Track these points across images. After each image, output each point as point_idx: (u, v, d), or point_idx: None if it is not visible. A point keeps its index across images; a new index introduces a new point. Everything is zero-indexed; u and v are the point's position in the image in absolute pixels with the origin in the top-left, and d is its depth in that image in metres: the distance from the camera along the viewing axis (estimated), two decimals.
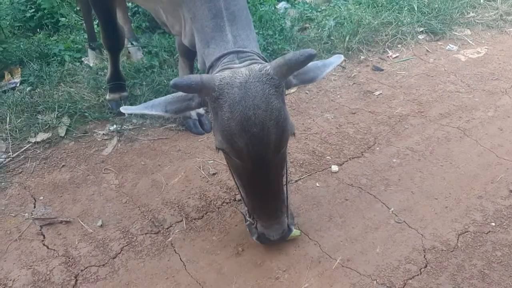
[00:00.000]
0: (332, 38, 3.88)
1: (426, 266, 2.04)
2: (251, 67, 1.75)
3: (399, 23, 4.10)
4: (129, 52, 3.73)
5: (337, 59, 2.04)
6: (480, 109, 3.12)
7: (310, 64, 1.89)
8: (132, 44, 3.82)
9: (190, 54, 2.90)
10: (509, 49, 3.83)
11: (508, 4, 4.42)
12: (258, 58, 1.86)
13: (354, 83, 3.46)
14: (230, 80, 1.72)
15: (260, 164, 1.81)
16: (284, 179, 1.98)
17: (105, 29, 2.93)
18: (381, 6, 4.36)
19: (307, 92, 3.36)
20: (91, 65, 3.72)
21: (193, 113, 2.95)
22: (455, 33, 4.10)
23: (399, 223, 2.27)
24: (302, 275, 2.02)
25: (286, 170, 1.99)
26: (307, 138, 2.87)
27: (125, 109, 1.89)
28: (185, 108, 1.88)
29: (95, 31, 3.98)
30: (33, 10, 4.22)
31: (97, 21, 4.14)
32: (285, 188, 2.00)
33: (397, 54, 3.83)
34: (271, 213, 1.99)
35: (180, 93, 1.84)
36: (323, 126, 2.99)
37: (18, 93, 3.23)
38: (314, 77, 1.96)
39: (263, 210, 1.99)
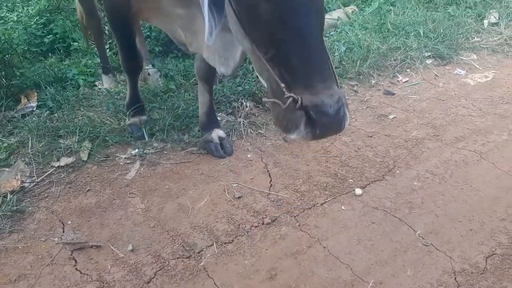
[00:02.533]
0: (343, 63, 3.96)
1: None
2: None
3: (407, 48, 4.20)
4: (148, 74, 3.76)
5: None
6: (494, 132, 3.19)
7: None
8: (153, 65, 3.86)
9: (209, 77, 2.95)
10: None
11: None
12: None
13: (367, 107, 3.53)
14: None
15: (301, 2, 1.53)
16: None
17: (124, 52, 2.95)
18: (387, 32, 4.46)
19: None
20: (104, 88, 3.75)
21: (215, 137, 2.99)
22: (462, 57, 4.20)
23: (427, 245, 2.30)
24: None
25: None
26: (327, 161, 2.92)
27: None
28: None
29: (107, 54, 4.04)
30: (45, 34, 4.26)
31: (108, 44, 4.24)
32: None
33: (407, 79, 3.92)
34: (321, 69, 1.54)
35: None
36: (342, 149, 3.04)
37: (37, 117, 3.25)
38: None
39: (309, 66, 1.53)
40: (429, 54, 4.20)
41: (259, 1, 1.54)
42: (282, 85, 1.54)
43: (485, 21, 4.70)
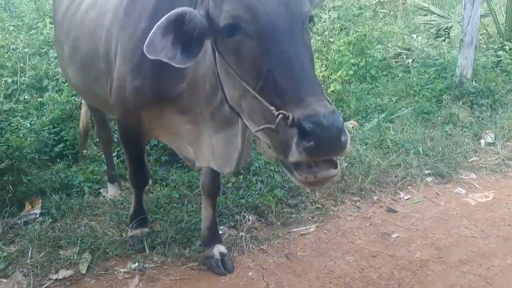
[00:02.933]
0: (345, 178, 4.03)
1: None
2: None
3: (407, 165, 4.30)
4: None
5: None
6: (498, 256, 3.16)
7: None
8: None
9: (214, 192, 3.00)
10: None
11: (508, 149, 4.68)
12: None
13: (370, 224, 3.53)
14: None
15: (282, 28, 1.59)
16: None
17: (133, 167, 3.02)
18: (387, 148, 4.59)
19: (325, 232, 3.41)
20: (109, 197, 3.78)
21: (216, 253, 2.96)
22: (462, 176, 4.28)
23: None
24: None
25: None
26: (331, 282, 2.86)
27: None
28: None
29: (114, 162, 4.13)
30: (56, 143, 4.36)
31: (115, 152, 4.35)
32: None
33: (409, 196, 3.96)
34: (311, 84, 1.54)
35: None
36: (346, 269, 2.99)
37: (39, 225, 3.24)
38: None
39: (298, 83, 1.52)
40: (429, 172, 4.29)
41: (243, 39, 1.64)
42: (272, 108, 1.53)
43: (482, 141, 4.85)
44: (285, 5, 1.63)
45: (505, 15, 7.46)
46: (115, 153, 4.33)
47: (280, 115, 1.48)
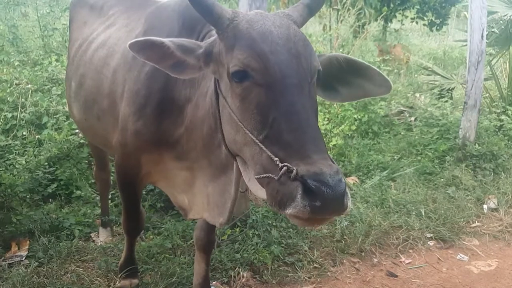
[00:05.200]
0: (345, 237, 3.91)
1: None
2: None
3: (408, 227, 4.19)
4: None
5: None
6: None
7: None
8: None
9: (208, 247, 2.89)
10: None
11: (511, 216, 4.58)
12: None
13: None
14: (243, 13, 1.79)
15: (292, 80, 1.59)
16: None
17: (128, 212, 2.93)
18: (389, 208, 4.49)
19: None
20: (100, 243, 3.65)
21: None
22: (464, 242, 4.16)
23: None
24: None
25: None
26: None
27: None
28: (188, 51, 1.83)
29: (108, 206, 4.02)
30: (50, 183, 4.25)
31: (110, 195, 4.24)
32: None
33: (410, 260, 3.83)
34: (316, 141, 1.53)
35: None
36: None
37: (24, 268, 3.10)
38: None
39: (304, 139, 1.52)
40: (431, 235, 4.17)
41: (251, 86, 1.64)
42: (276, 158, 1.50)
43: (485, 206, 4.75)
44: (296, 58, 1.64)
45: (507, 80, 7.54)
46: (110, 196, 4.22)
47: (285, 167, 1.46)
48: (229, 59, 1.70)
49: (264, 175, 1.55)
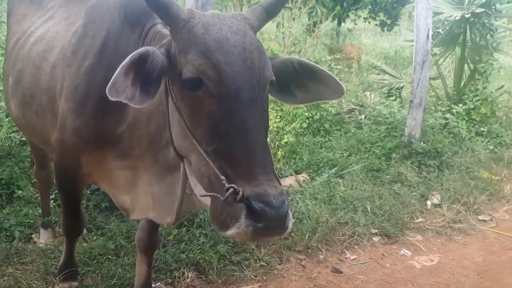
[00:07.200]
0: (292, 234, 3.93)
1: None
2: None
3: (354, 224, 4.26)
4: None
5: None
6: None
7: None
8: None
9: (150, 249, 2.85)
10: (459, 258, 3.99)
11: (454, 212, 4.74)
12: None
13: (315, 286, 3.43)
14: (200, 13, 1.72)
15: (245, 94, 1.55)
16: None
17: (68, 213, 2.83)
18: (336, 204, 4.55)
19: None
20: (40, 244, 3.53)
21: None
22: (408, 237, 4.27)
23: None
24: None
25: None
26: None
27: None
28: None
29: (51, 206, 3.89)
30: None
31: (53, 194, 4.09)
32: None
33: (355, 256, 3.90)
34: (264, 162, 1.53)
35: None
36: None
37: None
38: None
39: (252, 159, 1.52)
40: (376, 231, 4.26)
41: (203, 96, 1.60)
42: (222, 177, 1.50)
43: (428, 202, 4.90)
44: (251, 69, 1.61)
45: (453, 79, 7.82)
46: (53, 195, 4.08)
47: (231, 189, 1.47)
48: (183, 63, 1.66)
49: (210, 193, 1.56)
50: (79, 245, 3.45)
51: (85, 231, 3.60)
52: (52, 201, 3.99)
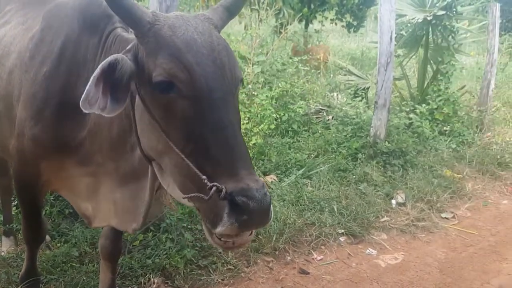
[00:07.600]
0: (259, 237, 3.94)
1: None
2: None
3: (321, 224, 4.30)
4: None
5: None
6: None
7: None
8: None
9: (113, 256, 2.82)
10: (423, 256, 4.09)
11: (418, 210, 4.84)
12: None
13: (282, 287, 3.44)
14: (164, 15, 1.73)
15: (218, 94, 1.57)
16: None
17: (28, 221, 2.77)
18: (304, 205, 4.59)
19: None
20: (2, 253, 3.44)
21: None
22: (373, 236, 4.34)
23: None
24: None
25: None
26: None
27: None
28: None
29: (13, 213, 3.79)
30: None
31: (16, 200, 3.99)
32: None
33: (322, 256, 3.94)
34: (243, 157, 1.56)
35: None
36: None
37: None
38: None
39: (231, 155, 1.54)
40: (342, 231, 4.31)
41: (176, 98, 1.60)
42: (204, 176, 1.51)
43: (393, 201, 4.99)
44: (221, 69, 1.63)
45: (417, 80, 7.99)
46: (15, 202, 3.98)
47: (214, 187, 1.48)
48: (152, 67, 1.64)
49: (193, 194, 1.56)
50: (42, 252, 3.39)
51: (48, 238, 3.53)
52: (14, 208, 3.89)
